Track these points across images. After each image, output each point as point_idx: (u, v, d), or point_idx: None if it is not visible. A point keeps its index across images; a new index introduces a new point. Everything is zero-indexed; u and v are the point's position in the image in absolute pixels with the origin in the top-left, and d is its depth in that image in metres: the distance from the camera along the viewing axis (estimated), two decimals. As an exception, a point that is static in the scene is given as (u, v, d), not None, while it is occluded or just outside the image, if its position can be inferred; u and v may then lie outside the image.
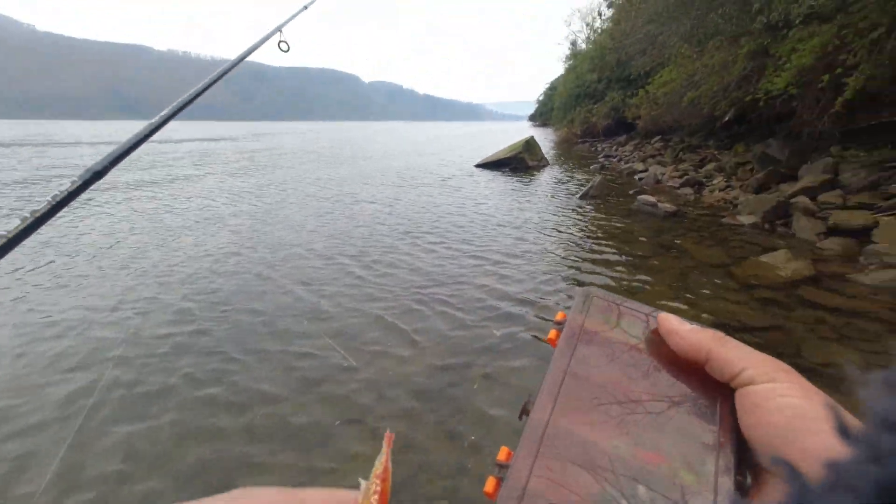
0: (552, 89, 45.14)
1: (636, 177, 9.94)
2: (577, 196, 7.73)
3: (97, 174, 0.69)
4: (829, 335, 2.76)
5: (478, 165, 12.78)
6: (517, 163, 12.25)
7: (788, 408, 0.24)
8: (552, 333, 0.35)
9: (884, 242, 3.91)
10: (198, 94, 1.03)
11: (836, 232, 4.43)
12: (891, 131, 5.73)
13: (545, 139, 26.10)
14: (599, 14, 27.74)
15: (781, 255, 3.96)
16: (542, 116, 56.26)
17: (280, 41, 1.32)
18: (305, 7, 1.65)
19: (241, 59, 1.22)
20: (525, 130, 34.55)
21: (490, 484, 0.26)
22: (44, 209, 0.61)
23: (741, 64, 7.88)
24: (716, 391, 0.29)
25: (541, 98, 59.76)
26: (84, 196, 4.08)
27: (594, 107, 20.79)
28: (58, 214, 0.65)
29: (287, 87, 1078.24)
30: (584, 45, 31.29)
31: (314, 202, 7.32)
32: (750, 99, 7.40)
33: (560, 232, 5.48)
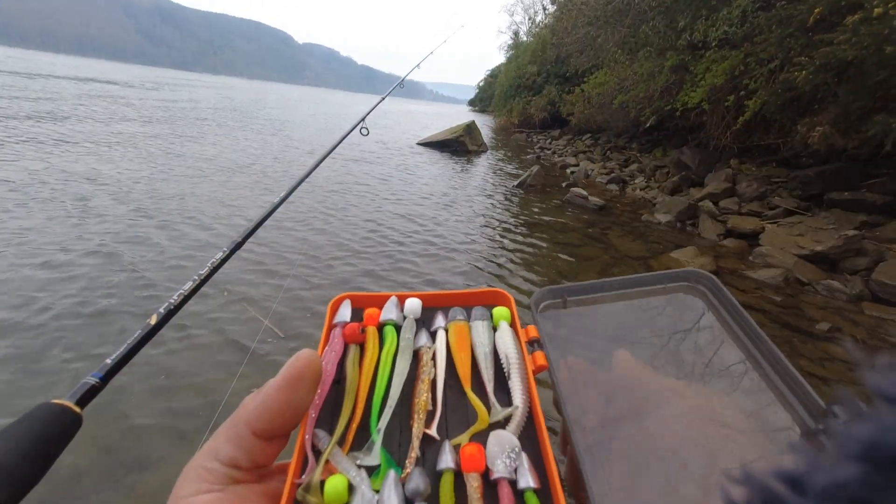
0: (493, 76, 45.73)
1: (568, 170, 10.56)
2: (515, 184, 8.01)
3: (239, 244, 0.90)
4: (725, 322, 3.23)
5: (420, 143, 12.62)
6: (458, 146, 12.33)
7: None
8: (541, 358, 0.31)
9: (768, 245, 4.65)
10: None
11: (733, 234, 5.17)
12: (776, 152, 6.74)
13: (484, 125, 26.50)
14: (543, 8, 28.54)
15: (690, 251, 4.52)
16: (481, 102, 56.86)
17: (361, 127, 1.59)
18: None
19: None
20: (465, 115, 34.77)
21: None
22: (205, 273, 0.78)
23: (665, 76, 8.65)
24: None
25: (481, 84, 60.28)
26: None
27: (533, 99, 21.50)
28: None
29: (203, 34, 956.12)
30: (525, 38, 32.04)
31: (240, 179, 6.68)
32: (669, 108, 8.20)
33: (498, 217, 5.66)
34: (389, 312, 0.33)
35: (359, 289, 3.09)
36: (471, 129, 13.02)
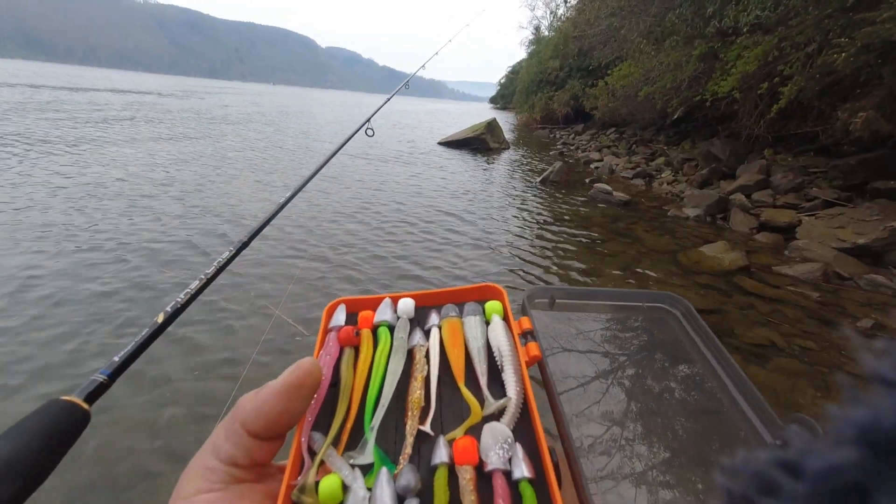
0: (514, 73, 45.27)
1: (592, 166, 10.36)
2: (538, 181, 7.93)
3: (245, 244, 0.93)
4: (758, 319, 3.12)
5: (440, 143, 12.66)
6: (479, 143, 12.29)
7: None
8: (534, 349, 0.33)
9: (805, 239, 4.43)
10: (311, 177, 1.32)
11: (767, 227, 4.94)
12: (814, 140, 6.40)
13: (505, 122, 26.29)
14: (565, 1, 28.00)
15: (720, 245, 4.36)
16: (503, 99, 56.42)
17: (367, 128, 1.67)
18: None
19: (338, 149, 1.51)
20: (486, 112, 34.57)
21: None
22: (211, 272, 0.79)
23: (693, 65, 8.35)
24: None
25: (502, 81, 59.79)
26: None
27: (555, 94, 21.16)
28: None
29: (231, 42, 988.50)
30: (546, 32, 31.55)
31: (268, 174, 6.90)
32: (698, 99, 7.91)
33: (521, 213, 5.63)
34: (383, 314, 0.34)
35: (367, 290, 3.15)
36: (492, 126, 12.96)
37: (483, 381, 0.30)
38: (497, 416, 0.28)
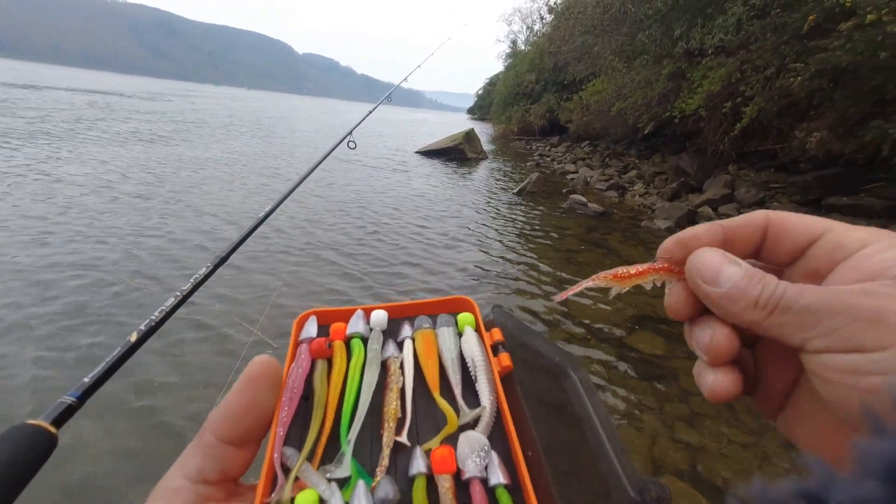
0: (492, 84, 46.16)
1: (568, 177, 10.60)
2: (515, 191, 8.03)
3: (223, 259, 0.89)
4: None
5: (418, 152, 12.69)
6: (457, 153, 12.39)
7: None
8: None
9: (767, 250, 4.64)
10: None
11: (732, 239, 5.15)
12: (774, 157, 6.77)
13: (483, 133, 26.71)
14: (541, 17, 28.88)
15: (690, 256, 4.52)
16: (480, 110, 57.31)
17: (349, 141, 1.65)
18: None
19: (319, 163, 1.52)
20: (464, 122, 34.99)
21: None
22: (187, 289, 0.77)
23: (662, 83, 8.73)
24: None
25: (480, 92, 60.81)
26: None
27: (531, 106, 21.67)
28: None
29: (204, 46, 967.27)
30: (523, 47, 32.40)
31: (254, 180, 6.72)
32: (667, 115, 8.26)
33: (498, 224, 5.67)
34: (356, 326, 0.34)
35: (339, 302, 3.09)
36: (470, 136, 13.11)
37: (458, 391, 0.30)
38: (472, 424, 0.28)
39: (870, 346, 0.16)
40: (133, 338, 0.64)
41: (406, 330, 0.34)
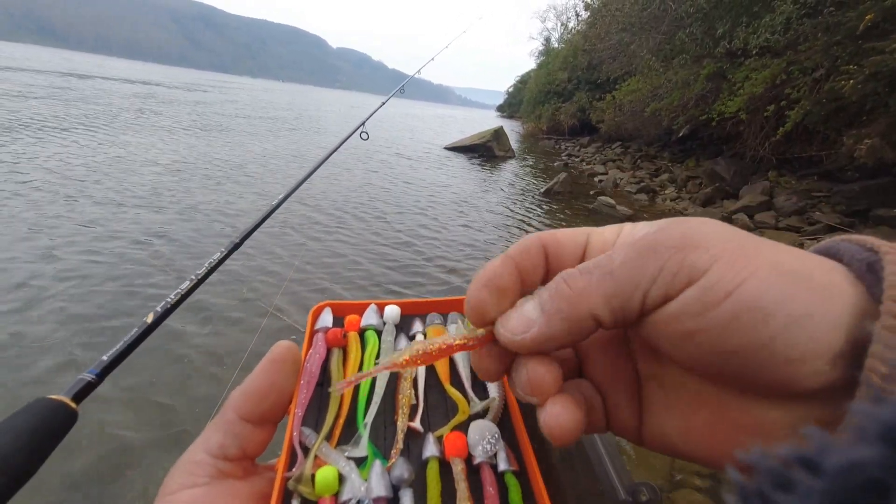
0: (522, 82, 45.54)
1: (596, 179, 10.39)
2: (542, 191, 7.95)
3: (237, 245, 0.93)
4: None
5: (447, 148, 12.72)
6: (485, 150, 12.35)
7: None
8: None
9: (805, 261, 4.43)
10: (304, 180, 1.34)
11: (768, 249, 4.95)
12: (818, 165, 6.44)
13: (512, 131, 26.46)
14: (576, 14, 28.27)
15: (722, 264, 4.37)
16: (510, 108, 56.69)
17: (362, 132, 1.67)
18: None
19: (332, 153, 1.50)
20: (493, 120, 34.75)
21: None
22: (203, 272, 0.80)
23: (701, 84, 8.42)
24: None
25: (510, 90, 60.14)
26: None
27: (562, 105, 21.28)
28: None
29: (242, 39, 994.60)
30: (557, 44, 31.79)
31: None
32: (704, 118, 7.96)
33: (522, 224, 5.64)
34: (370, 319, 0.35)
35: (356, 294, 3.14)
36: (498, 134, 13.02)
37: (468, 384, 0.32)
38: (482, 414, 0.30)
39: (700, 268, 0.17)
40: (149, 319, 0.66)
41: (417, 325, 0.36)
